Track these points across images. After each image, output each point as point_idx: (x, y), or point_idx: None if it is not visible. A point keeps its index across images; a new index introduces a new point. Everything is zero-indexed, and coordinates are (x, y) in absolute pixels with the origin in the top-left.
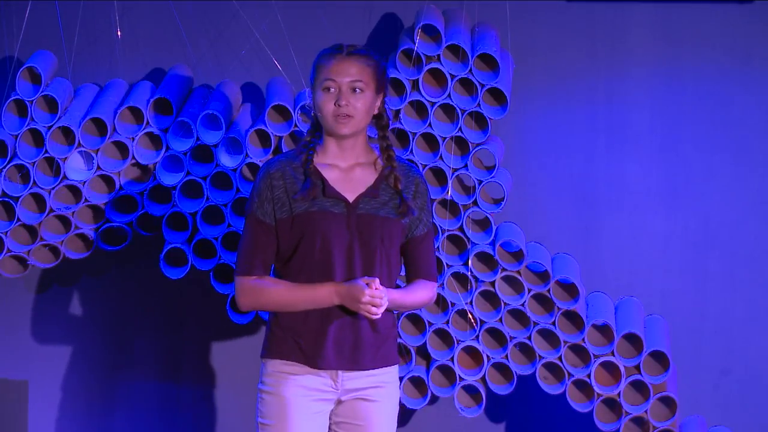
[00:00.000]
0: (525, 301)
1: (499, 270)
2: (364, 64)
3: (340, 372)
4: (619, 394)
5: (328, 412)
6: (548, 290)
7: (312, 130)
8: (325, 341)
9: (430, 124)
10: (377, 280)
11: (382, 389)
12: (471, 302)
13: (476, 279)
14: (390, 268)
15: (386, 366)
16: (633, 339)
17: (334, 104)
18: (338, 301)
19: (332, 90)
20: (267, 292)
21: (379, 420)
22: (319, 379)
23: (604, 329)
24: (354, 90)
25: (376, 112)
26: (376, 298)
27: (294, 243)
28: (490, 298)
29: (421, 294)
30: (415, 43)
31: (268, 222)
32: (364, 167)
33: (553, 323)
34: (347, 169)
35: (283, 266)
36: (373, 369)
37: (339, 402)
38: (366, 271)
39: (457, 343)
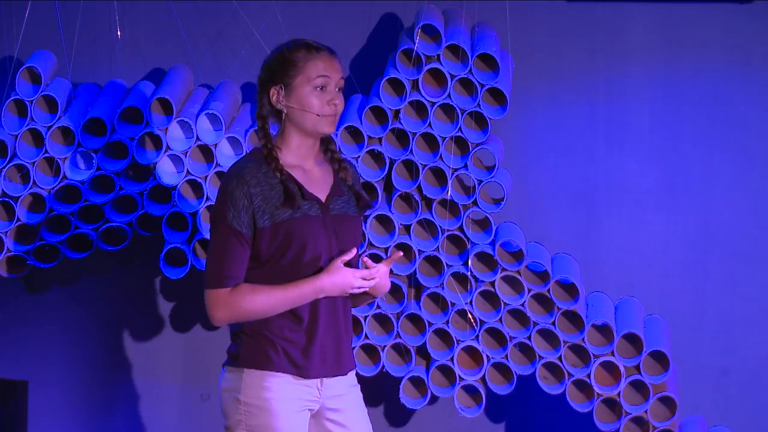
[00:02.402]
0: (525, 301)
1: (499, 270)
2: (339, 62)
3: (324, 379)
4: (619, 394)
5: (308, 420)
6: (548, 290)
7: (264, 130)
8: (313, 348)
9: (430, 124)
10: (353, 251)
11: (353, 394)
12: (471, 302)
13: (476, 279)
14: (356, 265)
15: (354, 368)
16: (633, 339)
17: (327, 102)
18: (326, 294)
19: (326, 88)
20: (246, 300)
21: (359, 424)
22: (306, 389)
23: (604, 329)
24: (339, 88)
25: None
26: (368, 279)
27: (280, 250)
28: (490, 298)
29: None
30: (415, 43)
31: (245, 232)
32: (320, 166)
33: (553, 323)
34: (310, 170)
35: (261, 271)
36: (350, 371)
37: (318, 414)
38: None
39: (457, 343)
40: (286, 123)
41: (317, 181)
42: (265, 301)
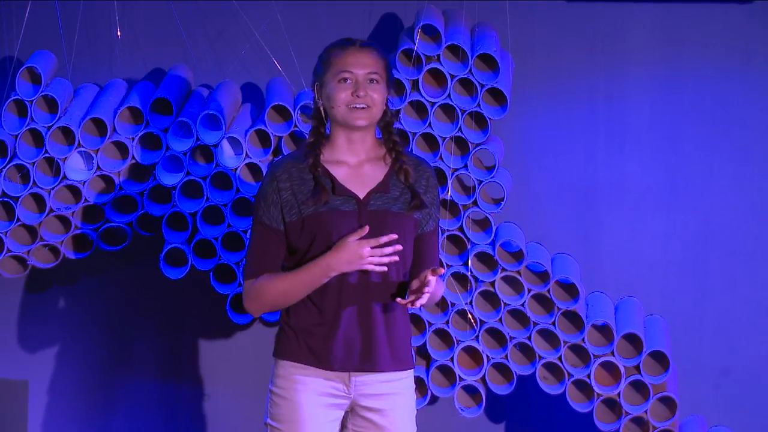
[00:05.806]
0: (525, 301)
1: (499, 270)
2: (377, 56)
3: (352, 375)
4: (619, 394)
5: (340, 418)
6: (548, 290)
7: (315, 129)
8: (334, 340)
9: (430, 124)
10: (365, 230)
11: (398, 397)
12: (471, 302)
13: (476, 279)
14: (405, 264)
15: (402, 370)
16: (633, 339)
17: (351, 94)
18: (336, 271)
19: (349, 81)
20: (265, 288)
21: (397, 429)
22: (330, 383)
23: (604, 329)
24: (370, 81)
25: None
26: (377, 254)
27: (306, 244)
28: (490, 298)
29: (441, 289)
30: (415, 43)
31: (275, 227)
32: (373, 163)
33: (553, 323)
34: (357, 165)
35: (295, 264)
36: (389, 372)
37: (353, 409)
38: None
39: (457, 343)
40: (330, 119)
41: (362, 177)
42: (279, 286)
